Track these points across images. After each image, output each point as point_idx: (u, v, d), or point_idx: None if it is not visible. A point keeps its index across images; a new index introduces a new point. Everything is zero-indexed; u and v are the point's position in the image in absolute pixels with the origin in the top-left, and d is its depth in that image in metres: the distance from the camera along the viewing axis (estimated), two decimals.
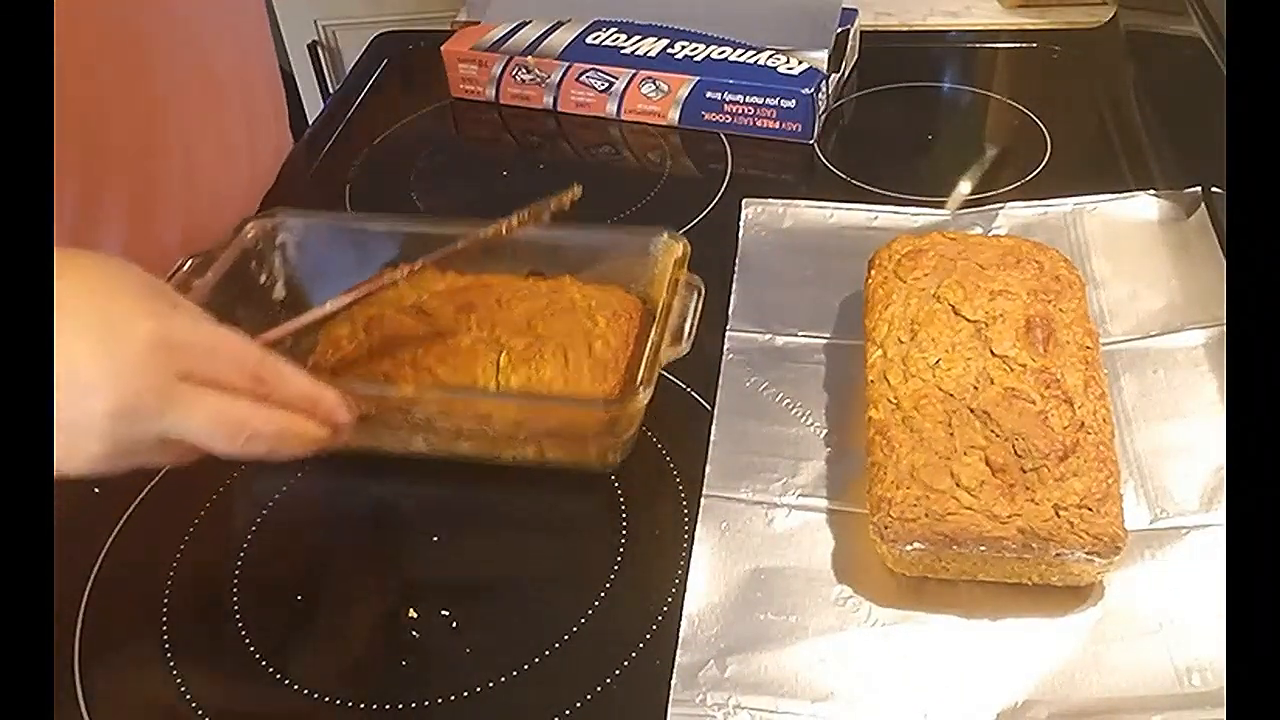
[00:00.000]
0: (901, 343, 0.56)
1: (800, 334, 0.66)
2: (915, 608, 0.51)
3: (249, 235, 0.66)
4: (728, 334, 0.66)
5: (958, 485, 0.50)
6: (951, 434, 0.51)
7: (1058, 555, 0.49)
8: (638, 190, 0.82)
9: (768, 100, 0.84)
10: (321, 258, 0.67)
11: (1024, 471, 0.50)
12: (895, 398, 0.54)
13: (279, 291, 0.67)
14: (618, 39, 0.89)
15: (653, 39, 0.89)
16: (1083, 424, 0.51)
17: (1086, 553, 0.48)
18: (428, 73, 0.95)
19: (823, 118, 0.86)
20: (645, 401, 0.55)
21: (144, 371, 0.45)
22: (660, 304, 0.59)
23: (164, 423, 0.45)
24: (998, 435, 0.51)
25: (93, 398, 0.44)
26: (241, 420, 0.47)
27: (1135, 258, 0.68)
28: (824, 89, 0.85)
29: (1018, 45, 0.96)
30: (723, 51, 0.87)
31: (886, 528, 0.50)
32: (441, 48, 0.93)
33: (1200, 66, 0.74)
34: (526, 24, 0.92)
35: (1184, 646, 0.48)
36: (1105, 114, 0.86)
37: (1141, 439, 0.57)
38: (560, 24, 0.91)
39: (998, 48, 0.97)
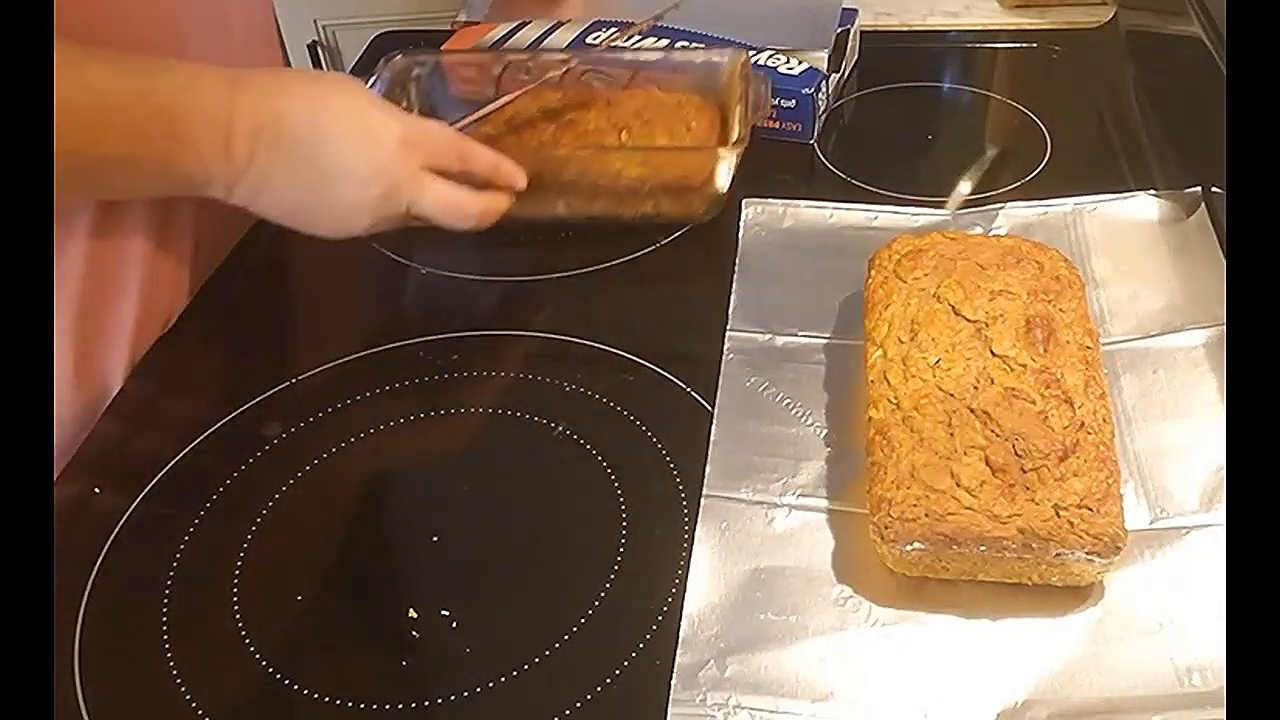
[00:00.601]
0: (902, 343, 0.56)
1: (800, 334, 0.66)
2: (915, 608, 0.51)
3: (397, 67, 0.81)
4: (728, 334, 0.66)
5: (958, 485, 0.50)
6: (952, 434, 0.51)
7: (1058, 555, 0.49)
8: None
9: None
10: (446, 87, 0.84)
11: (1024, 471, 0.50)
12: (895, 398, 0.54)
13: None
14: (617, 39, 0.89)
15: (653, 39, 0.89)
16: (1083, 424, 0.51)
17: (1087, 553, 0.48)
18: None
19: (823, 118, 0.86)
20: (741, 150, 0.72)
21: (400, 163, 0.62)
22: (738, 89, 0.76)
23: (410, 202, 0.63)
24: (998, 435, 0.51)
25: (366, 186, 0.62)
26: (461, 203, 0.65)
27: (1135, 258, 0.68)
28: (824, 89, 0.85)
29: (1018, 45, 0.96)
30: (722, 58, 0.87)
31: (887, 528, 0.50)
32: (441, 48, 0.93)
33: (1200, 66, 0.74)
34: (526, 24, 0.92)
35: (1184, 646, 0.48)
36: (1105, 114, 0.86)
37: (1141, 439, 0.57)
38: (560, 24, 0.91)
39: (998, 48, 0.97)
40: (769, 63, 0.85)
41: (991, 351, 0.55)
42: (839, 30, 0.88)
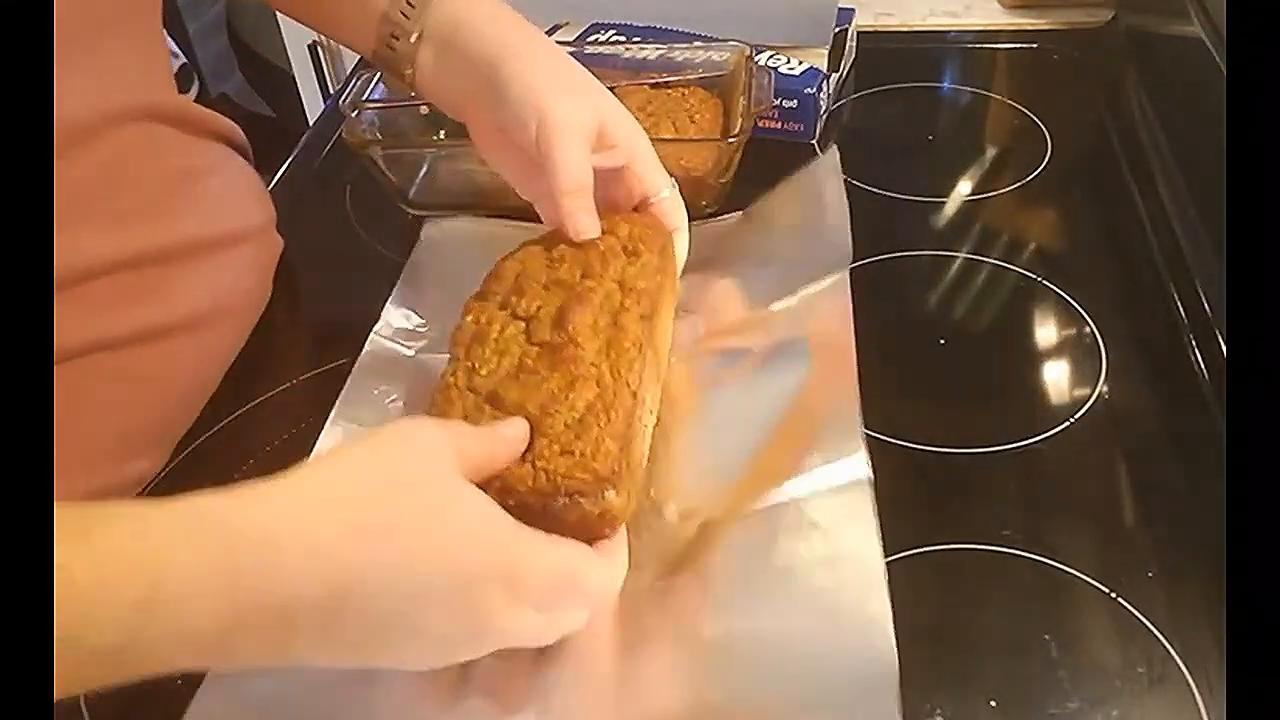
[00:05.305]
0: (457, 345, 0.56)
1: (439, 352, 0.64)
2: None
3: None
4: (370, 338, 0.66)
5: None
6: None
7: (563, 505, 0.48)
8: None
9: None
10: None
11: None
12: (433, 404, 0.53)
13: (424, 109, 0.83)
14: (616, 42, 0.89)
15: (653, 42, 0.89)
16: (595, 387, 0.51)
17: (580, 494, 0.48)
18: None
19: (823, 118, 0.86)
20: (744, 141, 0.74)
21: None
22: (740, 82, 0.78)
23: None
24: (504, 412, 0.51)
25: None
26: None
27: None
28: (825, 89, 0.85)
29: (1018, 45, 0.97)
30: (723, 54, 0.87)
31: None
32: None
33: (1200, 67, 0.74)
34: None
35: None
36: (1105, 114, 0.86)
37: (690, 428, 0.58)
38: (558, 27, 0.91)
39: (998, 48, 0.97)
40: (770, 63, 0.85)
41: (529, 340, 0.54)
42: (836, 29, 0.88)
